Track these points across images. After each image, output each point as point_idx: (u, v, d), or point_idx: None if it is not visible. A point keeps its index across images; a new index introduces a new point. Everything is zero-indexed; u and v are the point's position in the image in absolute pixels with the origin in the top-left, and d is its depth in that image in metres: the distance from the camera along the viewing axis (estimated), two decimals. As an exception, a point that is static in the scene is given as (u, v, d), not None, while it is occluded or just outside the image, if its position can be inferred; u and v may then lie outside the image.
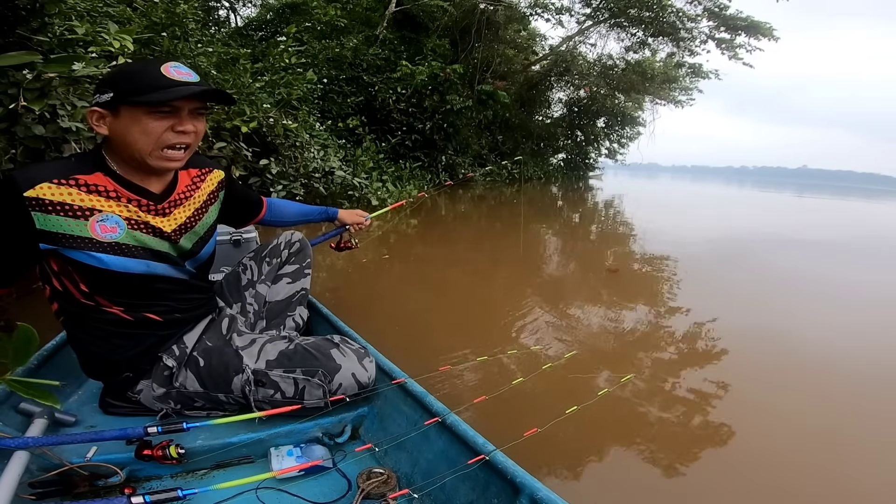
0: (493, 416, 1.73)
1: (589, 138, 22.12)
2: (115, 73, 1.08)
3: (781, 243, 7.70)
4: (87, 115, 1.07)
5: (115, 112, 1.05)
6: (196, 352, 1.28)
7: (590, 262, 5.45)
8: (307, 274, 1.71)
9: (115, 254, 1.10)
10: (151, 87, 1.03)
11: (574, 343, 2.84)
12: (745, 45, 15.44)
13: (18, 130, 2.62)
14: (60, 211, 1.03)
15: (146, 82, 1.03)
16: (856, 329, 3.51)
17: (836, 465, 1.85)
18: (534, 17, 16.31)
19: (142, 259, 1.15)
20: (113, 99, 1.03)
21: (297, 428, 1.28)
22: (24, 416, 1.19)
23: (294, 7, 11.27)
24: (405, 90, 10.55)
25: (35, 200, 1.00)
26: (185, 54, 5.43)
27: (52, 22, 2.88)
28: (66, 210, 1.04)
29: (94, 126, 1.07)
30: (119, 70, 1.09)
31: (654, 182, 36.45)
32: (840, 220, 13.43)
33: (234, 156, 5.55)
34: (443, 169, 12.09)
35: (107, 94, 1.04)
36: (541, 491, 0.95)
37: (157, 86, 1.03)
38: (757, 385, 2.50)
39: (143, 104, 1.03)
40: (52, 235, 1.03)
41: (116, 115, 1.05)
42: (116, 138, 1.07)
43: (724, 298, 4.12)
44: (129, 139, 1.06)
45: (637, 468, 1.73)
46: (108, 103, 1.04)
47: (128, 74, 1.06)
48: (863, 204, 23.39)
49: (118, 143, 1.08)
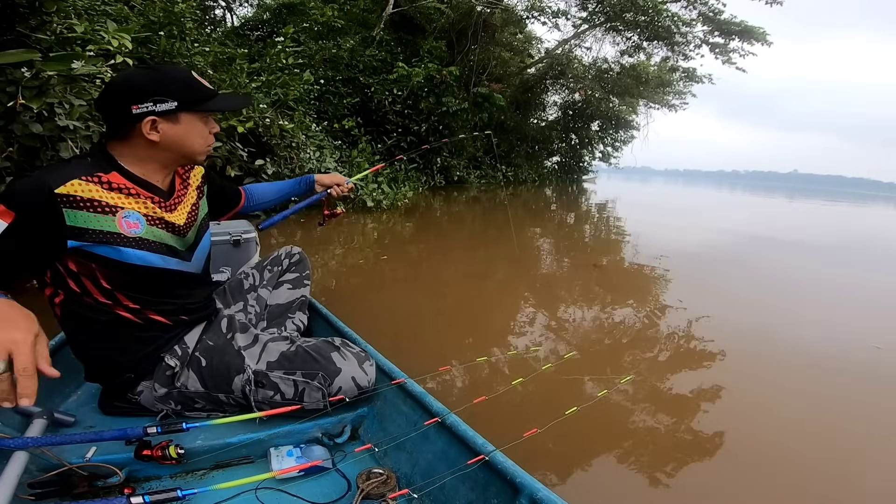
0: (492, 416, 1.74)
1: (583, 141, 22.19)
2: (161, 81, 1.10)
3: (775, 245, 7.76)
4: (143, 124, 1.09)
5: (174, 119, 1.12)
6: (198, 351, 1.29)
7: (582, 261, 5.48)
8: (307, 284, 1.77)
9: (138, 248, 1.14)
10: (207, 97, 1.16)
11: (573, 343, 2.86)
12: (738, 49, 15.58)
13: (16, 128, 2.61)
14: (90, 207, 1.05)
15: (202, 92, 1.16)
16: (854, 328, 3.55)
17: (837, 463, 1.88)
18: (530, 21, 16.36)
19: (159, 254, 1.19)
20: (177, 108, 1.11)
21: (297, 428, 1.28)
22: (23, 416, 1.19)
23: (291, 7, 11.24)
24: (401, 92, 10.56)
25: (66, 197, 1.02)
26: (182, 53, 5.41)
27: (50, 20, 2.87)
28: (94, 206, 1.06)
29: (148, 134, 1.10)
30: (164, 78, 1.11)
31: (648, 185, 36.62)
32: (830, 224, 13.56)
33: (229, 156, 5.53)
34: (438, 171, 12.10)
35: (168, 103, 1.09)
36: (540, 491, 0.96)
37: (209, 95, 1.17)
38: (756, 384, 2.52)
39: (204, 112, 1.17)
40: (80, 231, 1.05)
41: (176, 122, 1.13)
42: (168, 143, 1.14)
43: (721, 298, 4.16)
44: (187, 142, 1.16)
45: (636, 469, 1.74)
46: (169, 112, 1.10)
47: (183, 83, 1.13)
48: (852, 208, 23.61)
49: (166, 147, 1.15)
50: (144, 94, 1.08)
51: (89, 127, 3.02)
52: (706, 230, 9.56)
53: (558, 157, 22.39)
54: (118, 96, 1.09)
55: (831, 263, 6.67)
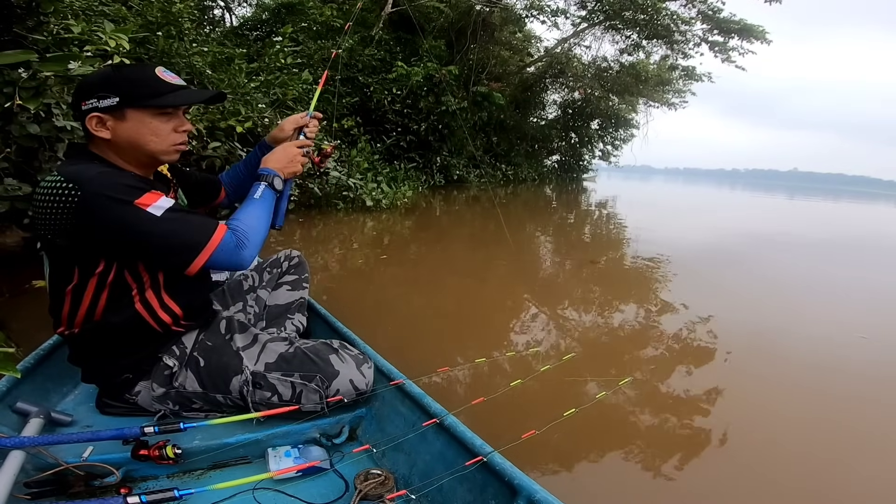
0: (491, 417, 1.74)
1: (583, 140, 22.21)
2: (110, 77, 1.09)
3: (775, 244, 7.76)
4: (87, 120, 1.07)
5: (119, 116, 1.08)
6: (196, 351, 1.29)
7: (581, 260, 5.48)
8: (305, 287, 1.78)
9: None
10: (158, 92, 1.10)
11: (572, 344, 2.86)
12: (737, 47, 15.58)
13: (13, 129, 2.60)
14: None
15: (151, 87, 1.10)
16: (853, 328, 3.55)
17: (838, 463, 1.87)
18: (529, 19, 16.32)
19: None
20: (119, 103, 1.06)
21: (295, 429, 1.28)
22: (19, 415, 1.19)
23: (290, 7, 11.22)
24: (400, 91, 10.54)
25: None
26: (181, 54, 5.40)
27: (47, 20, 2.85)
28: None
29: (95, 131, 1.08)
30: (114, 75, 1.10)
31: (647, 184, 36.64)
32: (831, 222, 13.55)
33: (228, 155, 5.52)
34: (437, 170, 12.09)
35: (109, 98, 1.06)
36: (538, 493, 0.95)
37: (161, 90, 1.10)
38: (756, 384, 2.52)
39: (152, 107, 1.10)
40: None
41: (122, 118, 1.08)
42: (122, 141, 1.11)
43: (720, 296, 4.16)
44: (140, 141, 1.11)
45: (636, 470, 1.74)
46: (112, 108, 1.07)
47: (129, 79, 1.09)
48: (853, 206, 23.61)
49: (125, 145, 1.12)
50: (91, 91, 1.07)
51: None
52: (705, 228, 9.57)
53: (558, 155, 22.43)
54: (75, 94, 1.10)
55: (833, 262, 6.67)
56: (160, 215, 1.04)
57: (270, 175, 1.30)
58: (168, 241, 1.06)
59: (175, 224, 1.06)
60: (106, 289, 1.12)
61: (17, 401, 1.19)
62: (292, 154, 1.38)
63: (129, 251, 1.09)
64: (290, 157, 1.37)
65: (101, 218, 1.00)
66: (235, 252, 1.13)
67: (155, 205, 1.04)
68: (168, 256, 1.09)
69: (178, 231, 1.07)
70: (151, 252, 1.08)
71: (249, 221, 1.19)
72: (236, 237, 1.13)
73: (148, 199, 1.04)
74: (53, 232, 1.03)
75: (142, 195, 1.04)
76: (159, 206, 1.05)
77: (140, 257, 1.12)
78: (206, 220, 1.12)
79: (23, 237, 3.25)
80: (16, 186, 2.73)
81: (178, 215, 1.07)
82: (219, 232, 1.11)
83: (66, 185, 1.00)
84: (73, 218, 1.00)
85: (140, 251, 1.08)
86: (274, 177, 1.31)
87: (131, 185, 1.04)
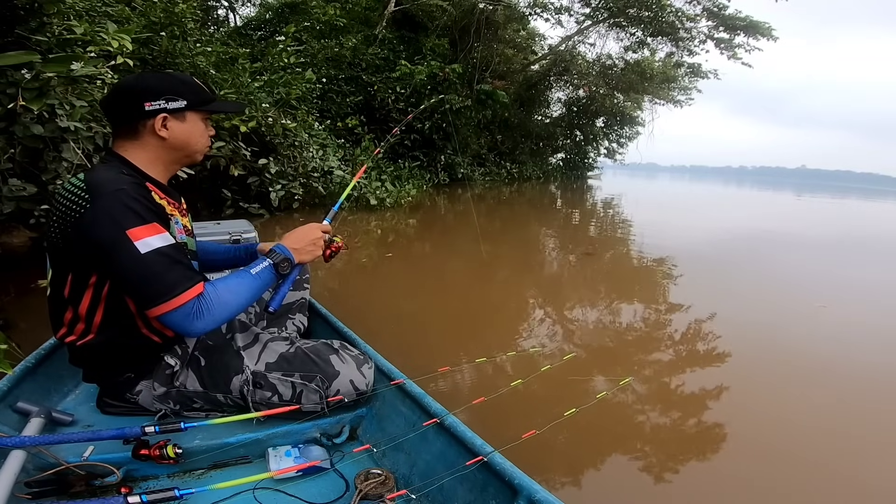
0: (491, 417, 1.73)
1: (588, 138, 22.13)
2: (171, 81, 1.17)
3: (778, 242, 7.70)
4: (155, 121, 1.13)
5: (181, 118, 1.17)
6: (197, 351, 1.29)
7: (581, 259, 5.46)
8: (306, 287, 1.78)
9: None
10: (210, 98, 1.23)
11: (572, 344, 2.84)
12: (743, 44, 15.46)
13: (17, 130, 2.62)
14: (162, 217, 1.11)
15: (205, 93, 1.21)
16: (856, 327, 3.52)
17: (839, 464, 1.85)
18: (533, 17, 16.32)
19: (194, 260, 1.24)
20: (186, 106, 1.16)
21: (295, 428, 1.28)
22: (20, 415, 1.19)
23: (293, 6, 11.26)
24: (404, 90, 10.55)
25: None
26: (184, 54, 5.41)
27: (50, 21, 2.87)
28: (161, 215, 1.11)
29: (159, 131, 1.14)
30: (176, 80, 1.18)
31: (653, 182, 36.48)
32: (840, 219, 13.45)
33: (232, 155, 5.55)
34: (442, 168, 12.08)
35: (178, 101, 1.14)
36: (539, 493, 0.95)
37: (209, 97, 1.23)
38: (755, 384, 2.50)
39: (208, 112, 1.23)
40: None
41: (182, 120, 1.17)
42: (176, 140, 1.17)
43: (723, 296, 4.13)
44: (190, 140, 1.20)
45: (636, 470, 1.73)
46: (178, 110, 1.15)
47: (188, 84, 1.19)
48: (862, 203, 23.41)
49: (177, 144, 1.18)
50: (158, 93, 1.13)
51: (91, 128, 3.02)
52: (711, 227, 9.51)
53: (563, 153, 22.32)
54: (132, 94, 1.12)
55: (840, 262, 6.61)
56: (143, 253, 0.99)
57: (281, 255, 1.19)
58: (136, 280, 1.01)
59: (153, 267, 1.00)
60: (102, 301, 1.12)
61: (17, 400, 1.19)
62: (314, 236, 1.27)
63: (104, 271, 1.08)
64: (312, 240, 1.27)
65: (91, 233, 1.00)
66: (186, 320, 1.03)
67: (144, 240, 1.00)
68: (131, 292, 1.09)
69: (150, 278, 1.00)
70: (117, 281, 1.08)
71: (225, 295, 1.08)
72: (198, 306, 1.04)
73: (141, 233, 1.00)
74: (57, 232, 1.05)
75: (138, 226, 1.00)
76: (148, 243, 1.00)
77: (111, 281, 1.10)
78: (184, 278, 1.03)
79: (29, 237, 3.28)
80: (20, 187, 2.75)
81: (160, 259, 1.01)
82: (188, 293, 1.03)
83: (82, 193, 1.02)
84: (76, 224, 1.01)
85: (111, 276, 1.08)
86: (285, 258, 1.20)
87: (136, 210, 1.02)
